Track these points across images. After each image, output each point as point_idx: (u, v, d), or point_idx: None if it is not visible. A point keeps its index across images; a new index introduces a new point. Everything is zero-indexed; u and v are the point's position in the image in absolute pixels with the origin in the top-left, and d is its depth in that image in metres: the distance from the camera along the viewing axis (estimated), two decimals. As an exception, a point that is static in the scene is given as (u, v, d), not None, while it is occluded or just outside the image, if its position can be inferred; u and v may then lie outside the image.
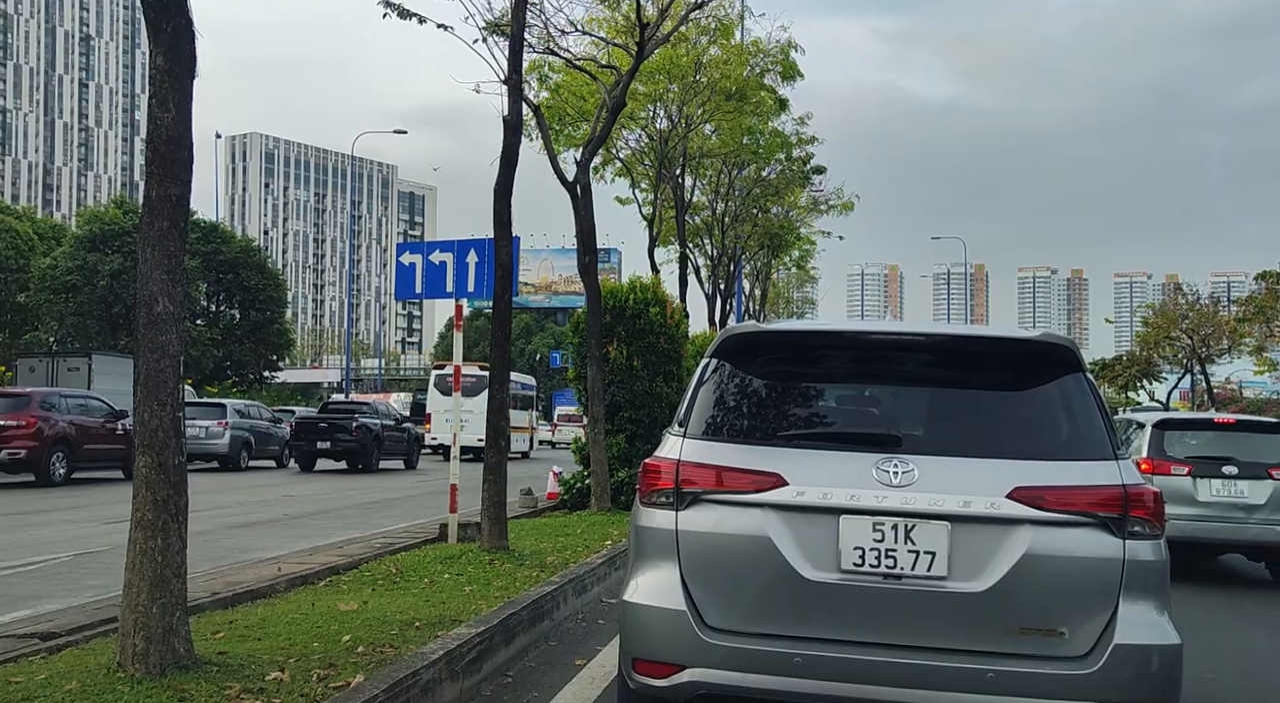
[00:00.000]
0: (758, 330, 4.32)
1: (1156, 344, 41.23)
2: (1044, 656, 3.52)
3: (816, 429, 4.04)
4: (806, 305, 59.83)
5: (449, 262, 10.69)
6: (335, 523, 13.71)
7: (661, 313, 15.48)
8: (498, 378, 9.56)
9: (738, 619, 3.71)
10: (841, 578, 3.63)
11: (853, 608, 3.61)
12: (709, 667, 3.66)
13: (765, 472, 3.75)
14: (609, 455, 14.96)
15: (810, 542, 3.67)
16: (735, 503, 3.76)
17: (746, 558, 3.70)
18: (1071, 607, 3.55)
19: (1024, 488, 3.59)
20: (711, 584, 3.74)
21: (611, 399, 15.07)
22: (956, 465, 3.70)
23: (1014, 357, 4.02)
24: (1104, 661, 3.50)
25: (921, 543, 3.59)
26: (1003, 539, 3.58)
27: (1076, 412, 3.84)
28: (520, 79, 9.62)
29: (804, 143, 27.70)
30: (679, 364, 15.83)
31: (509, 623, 6.03)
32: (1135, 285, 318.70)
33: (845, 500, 3.65)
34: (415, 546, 10.22)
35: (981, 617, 3.54)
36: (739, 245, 30.14)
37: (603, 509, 13.72)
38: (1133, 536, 3.61)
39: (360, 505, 16.72)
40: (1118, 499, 3.60)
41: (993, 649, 3.53)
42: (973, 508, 3.58)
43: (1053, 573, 3.55)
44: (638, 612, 3.82)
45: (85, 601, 7.27)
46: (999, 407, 3.96)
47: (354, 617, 6.33)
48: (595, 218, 14.21)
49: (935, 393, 4.06)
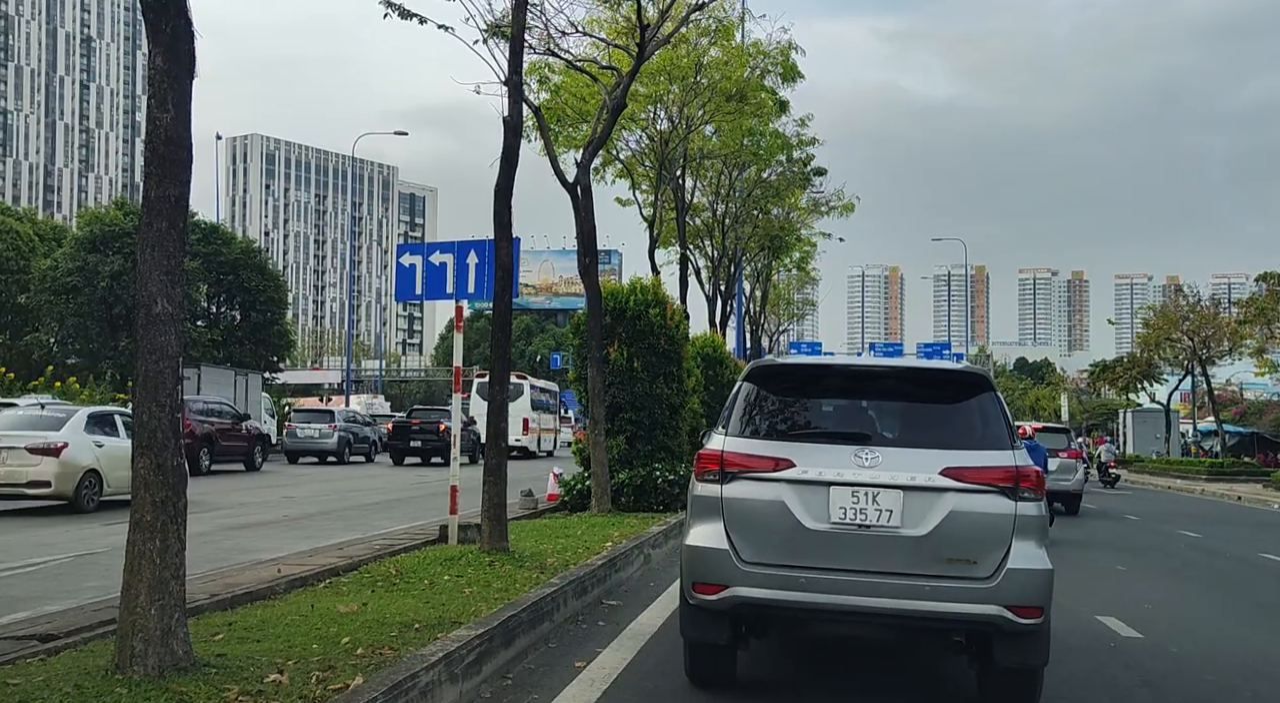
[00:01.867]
0: (776, 364, 6.27)
1: (1157, 346, 41.15)
2: (962, 576, 5.15)
3: (814, 429, 5.73)
4: (807, 306, 59.73)
5: (449, 263, 10.67)
6: (337, 524, 13.71)
7: (662, 314, 15.47)
8: (497, 379, 9.55)
9: (762, 555, 5.32)
10: (831, 527, 5.25)
11: (838, 547, 5.24)
12: (744, 586, 5.29)
13: (781, 458, 5.38)
14: (609, 457, 14.95)
15: (810, 504, 5.28)
16: (761, 479, 5.39)
17: (768, 515, 5.33)
18: (981, 545, 5.17)
19: (951, 468, 5.23)
20: (744, 532, 5.37)
21: (612, 401, 15.06)
22: (907, 453, 5.36)
23: (946, 381, 5.78)
24: (1001, 579, 5.11)
25: (883, 504, 5.23)
26: (936, 501, 5.21)
27: (988, 419, 5.51)
28: (520, 80, 9.62)
29: (804, 144, 27.74)
30: (679, 365, 15.82)
31: (508, 625, 6.02)
32: (1136, 287, 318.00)
33: (834, 477, 5.28)
34: (415, 547, 10.21)
35: (922, 551, 5.16)
36: (739, 247, 30.15)
37: (603, 511, 13.71)
38: (1021, 499, 5.20)
39: (361, 507, 16.72)
40: (1012, 475, 5.23)
41: (929, 572, 5.15)
42: (917, 481, 5.22)
43: (969, 524, 5.18)
44: (696, 551, 5.46)
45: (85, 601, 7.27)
46: (935, 414, 5.69)
47: (353, 619, 6.32)
48: (596, 219, 14.22)
49: (893, 405, 5.80)
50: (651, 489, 14.73)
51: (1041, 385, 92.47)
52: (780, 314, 53.62)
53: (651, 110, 21.37)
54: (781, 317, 54.25)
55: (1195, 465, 37.50)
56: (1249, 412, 63.00)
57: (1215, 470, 35.42)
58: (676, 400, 15.72)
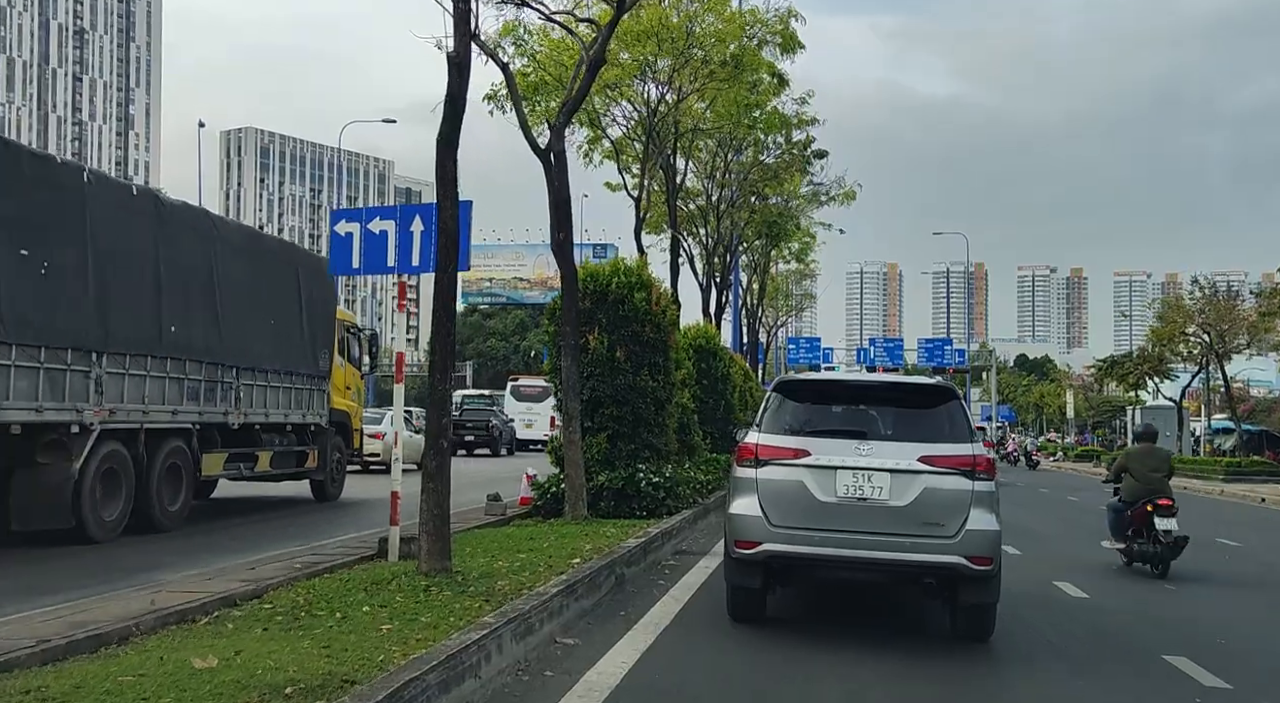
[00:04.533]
0: (797, 379, 8.59)
1: (1170, 340, 39.41)
2: (933, 535, 6.89)
3: (825, 428, 7.40)
4: (806, 300, 57.80)
5: (390, 230, 9.10)
6: (276, 531, 12.11)
7: (647, 299, 13.88)
8: (439, 366, 7.97)
9: (787, 520, 7.07)
10: (838, 500, 6.99)
11: (843, 514, 6.98)
12: (773, 542, 7.08)
13: (801, 449, 7.16)
14: (589, 456, 13.38)
15: (822, 482, 7.03)
16: (786, 465, 7.15)
17: (791, 491, 7.09)
18: (947, 512, 6.92)
19: (925, 456, 7.00)
20: (773, 504, 7.12)
21: (591, 394, 13.48)
22: (894, 445, 7.15)
23: (924, 392, 7.76)
24: (961, 537, 6.86)
25: (876, 483, 6.98)
26: (914, 480, 6.96)
27: (954, 420, 7.33)
28: (468, 7, 8.01)
29: (804, 124, 26.10)
30: (666, 355, 14.23)
31: (404, 696, 4.39)
32: (1135, 284, 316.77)
33: (839, 463, 7.03)
34: (347, 565, 8.63)
35: (904, 517, 6.92)
36: (736, 234, 28.52)
37: (578, 518, 12.12)
38: (978, 479, 7.00)
39: (332, 507, 15.12)
40: (970, 462, 7.02)
41: (909, 532, 6.91)
42: (900, 466, 6.97)
43: (938, 497, 6.95)
44: (738, 517, 7.27)
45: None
46: (915, 417, 7.48)
47: (206, 680, 4.72)
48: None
49: (885, 410, 7.63)
50: (634, 493, 13.14)
51: (1045, 382, 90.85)
52: (779, 308, 51.90)
53: (639, 79, 19.68)
54: (780, 310, 52.52)
55: (1211, 465, 35.82)
56: (1257, 409, 61.44)
57: (1234, 470, 33.74)
58: (663, 394, 14.13)
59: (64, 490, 10.05)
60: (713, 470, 18.16)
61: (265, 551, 9.96)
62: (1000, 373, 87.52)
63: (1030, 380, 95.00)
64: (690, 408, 18.70)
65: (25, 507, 10.05)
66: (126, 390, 10.95)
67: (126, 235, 11.01)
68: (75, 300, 10.20)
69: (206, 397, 12.41)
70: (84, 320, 10.31)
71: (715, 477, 18.15)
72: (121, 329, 10.83)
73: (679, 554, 11.41)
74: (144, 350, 11.23)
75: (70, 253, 10.15)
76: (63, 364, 10.00)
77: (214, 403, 12.60)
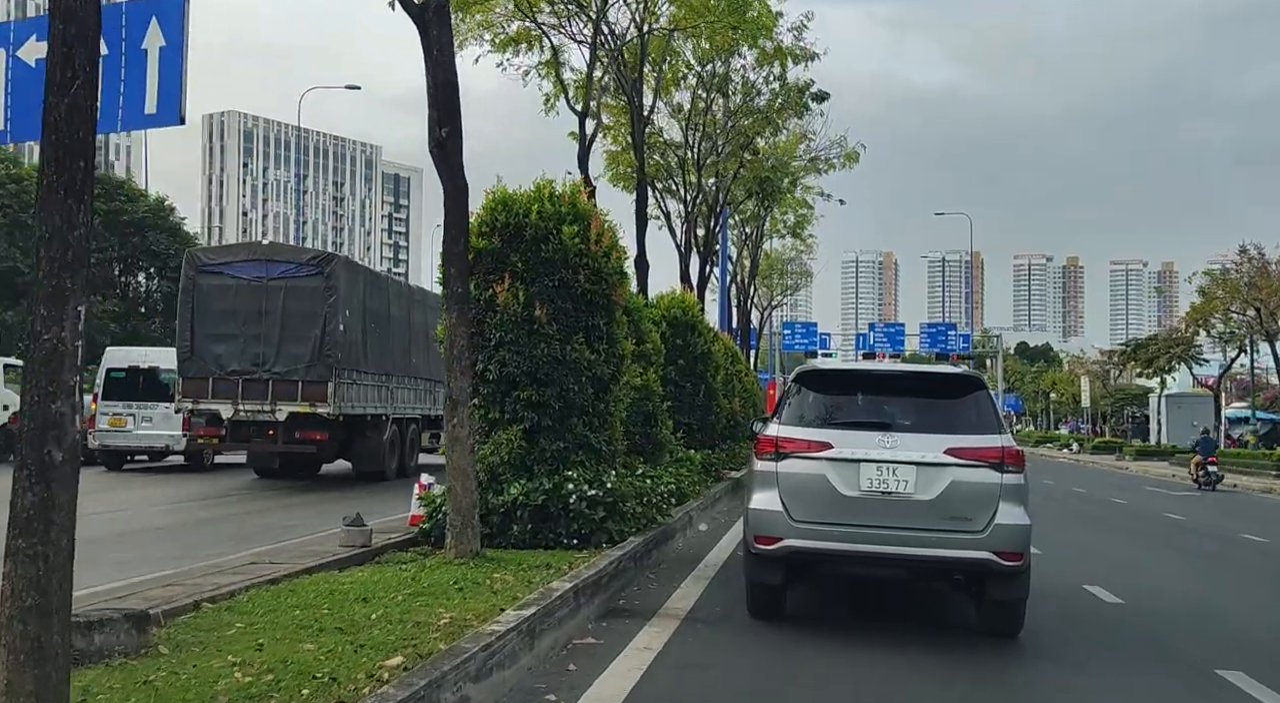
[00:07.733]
0: (818, 368, 8.63)
1: (1207, 319, 35.27)
2: (961, 530, 6.85)
3: (848, 419, 7.45)
4: (803, 277, 53.24)
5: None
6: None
7: (583, 236, 9.82)
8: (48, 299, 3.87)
9: (809, 515, 7.06)
10: (862, 494, 6.95)
11: (867, 508, 6.93)
12: (795, 538, 7.05)
13: (822, 441, 7.12)
14: (497, 459, 9.38)
15: (845, 476, 7.00)
16: (807, 457, 7.13)
17: (813, 484, 7.07)
18: (975, 507, 6.87)
19: (952, 448, 6.96)
20: (795, 497, 7.11)
21: (500, 371, 9.45)
22: (919, 437, 7.09)
23: (950, 381, 7.80)
24: (990, 532, 6.81)
25: (901, 476, 6.94)
26: (941, 473, 6.92)
27: (981, 410, 7.34)
28: None
29: (803, 58, 21.95)
30: (610, 316, 10.15)
31: None
32: (1131, 273, 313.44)
33: (863, 455, 6.97)
34: None
35: (931, 511, 6.88)
36: (722, 191, 24.39)
37: (464, 555, 8.06)
38: (1007, 472, 6.94)
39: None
40: (999, 454, 6.97)
41: (936, 527, 6.88)
42: (927, 458, 6.94)
43: (966, 490, 6.91)
44: (758, 512, 7.23)
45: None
46: (941, 408, 7.51)
47: None
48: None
49: (909, 400, 7.65)
50: (560, 512, 9.10)
51: (1056, 368, 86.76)
52: (772, 287, 47.67)
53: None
54: (774, 289, 48.24)
55: (1260, 459, 31.81)
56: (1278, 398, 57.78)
57: (1287, 464, 29.80)
58: (604, 371, 10.03)
59: (380, 451, 18.30)
60: (686, 474, 14.12)
61: None
62: (1005, 360, 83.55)
63: (1039, 367, 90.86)
64: (659, 393, 14.65)
65: (360, 459, 18.42)
66: (400, 396, 18.95)
67: (397, 308, 19.04)
68: (384, 348, 18.29)
69: (420, 398, 20.09)
70: (387, 359, 18.39)
71: (690, 482, 14.08)
72: (399, 362, 18.90)
73: (608, 618, 7.37)
74: (406, 373, 19.30)
75: (383, 322, 18.31)
76: (380, 383, 18.08)
77: (424, 401, 20.22)
